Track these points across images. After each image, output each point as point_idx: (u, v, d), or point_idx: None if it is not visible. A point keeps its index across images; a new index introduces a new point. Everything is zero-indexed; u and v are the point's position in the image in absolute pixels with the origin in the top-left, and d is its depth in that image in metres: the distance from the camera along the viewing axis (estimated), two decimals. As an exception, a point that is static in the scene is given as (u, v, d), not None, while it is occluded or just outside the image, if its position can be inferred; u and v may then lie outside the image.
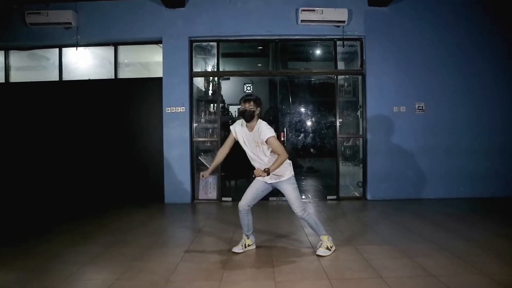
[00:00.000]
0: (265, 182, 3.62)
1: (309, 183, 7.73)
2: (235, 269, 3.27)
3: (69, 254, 3.70)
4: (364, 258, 3.48)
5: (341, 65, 6.84)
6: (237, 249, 3.70)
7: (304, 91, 7.55)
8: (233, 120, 8.30)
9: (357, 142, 6.83)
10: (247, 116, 3.52)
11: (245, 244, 3.74)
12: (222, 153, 3.73)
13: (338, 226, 4.67)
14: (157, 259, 3.55)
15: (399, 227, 4.63)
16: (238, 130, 3.66)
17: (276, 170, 3.40)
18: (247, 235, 3.77)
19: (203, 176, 3.67)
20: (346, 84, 7.09)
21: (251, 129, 3.56)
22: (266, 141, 3.42)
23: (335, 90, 6.68)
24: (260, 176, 3.37)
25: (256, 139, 3.50)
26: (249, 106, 3.49)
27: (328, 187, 7.03)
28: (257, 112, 3.54)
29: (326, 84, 7.18)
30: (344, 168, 6.87)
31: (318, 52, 7.42)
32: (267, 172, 3.31)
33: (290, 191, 3.55)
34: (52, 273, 3.20)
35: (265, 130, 3.45)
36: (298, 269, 3.25)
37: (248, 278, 3.08)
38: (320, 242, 3.65)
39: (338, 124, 6.61)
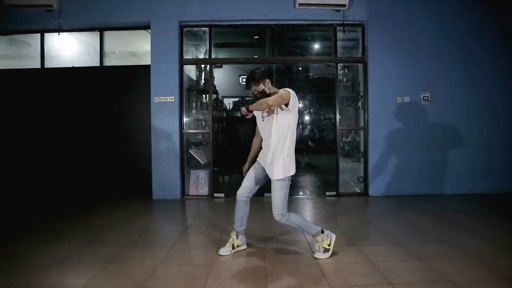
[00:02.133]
0: (263, 167, 3.14)
1: (307, 178, 7.33)
2: (221, 273, 2.84)
3: (36, 255, 3.26)
4: (370, 260, 3.06)
5: (341, 53, 6.39)
6: (224, 251, 3.26)
7: (302, 81, 7.15)
8: (227, 112, 7.91)
9: (357, 138, 6.40)
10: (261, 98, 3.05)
11: (233, 245, 3.30)
12: (255, 146, 3.39)
13: (338, 225, 4.25)
14: (134, 261, 3.12)
15: (406, 225, 4.21)
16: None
17: (273, 162, 3.00)
18: (237, 233, 3.33)
19: None
20: (346, 75, 6.64)
21: None
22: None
23: (335, 79, 6.26)
24: (244, 111, 2.97)
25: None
26: (253, 89, 3.05)
27: (327, 183, 6.62)
28: (267, 85, 3.06)
29: (326, 73, 6.78)
30: (344, 163, 6.44)
31: (317, 38, 6.96)
32: (247, 108, 2.95)
33: (276, 187, 3.01)
34: (10, 277, 2.76)
35: (282, 89, 3.00)
36: (295, 274, 2.82)
37: (236, 285, 2.64)
38: (317, 244, 3.20)
39: (338, 115, 6.19)
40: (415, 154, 6.04)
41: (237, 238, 3.32)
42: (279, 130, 2.99)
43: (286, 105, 2.94)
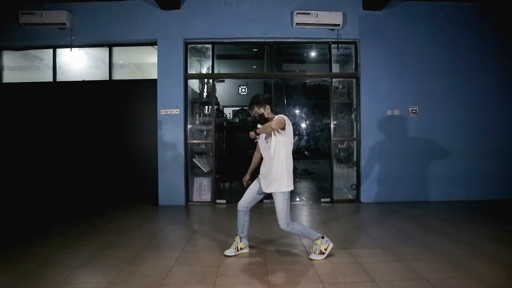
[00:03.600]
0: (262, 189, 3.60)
1: (303, 185, 7.77)
2: (228, 272, 3.27)
3: (62, 257, 3.68)
4: (357, 261, 3.50)
5: (335, 68, 6.87)
6: (229, 252, 3.71)
7: (298, 94, 7.59)
8: (228, 122, 8.35)
9: (351, 145, 6.84)
10: (263, 121, 3.54)
11: (237, 247, 3.74)
12: (256, 159, 3.84)
13: (331, 229, 4.69)
14: (150, 262, 3.54)
15: (392, 230, 4.65)
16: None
17: (273, 177, 3.46)
18: (240, 237, 3.77)
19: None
20: (340, 87, 7.10)
21: None
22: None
23: (330, 93, 6.72)
24: (252, 135, 3.48)
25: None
26: (255, 112, 3.55)
27: (322, 190, 7.07)
28: (267, 111, 3.56)
29: (321, 87, 7.23)
30: (338, 170, 6.89)
31: (313, 55, 7.45)
32: (255, 131, 3.44)
33: (278, 201, 3.48)
34: (44, 277, 3.18)
35: (278, 116, 3.47)
36: (292, 273, 3.26)
37: (241, 281, 3.08)
38: (315, 246, 3.65)
39: (332, 126, 6.64)
40: (404, 163, 6.49)
41: (241, 242, 3.77)
42: (276, 151, 3.47)
43: (283, 129, 3.43)
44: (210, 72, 6.77)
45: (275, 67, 6.97)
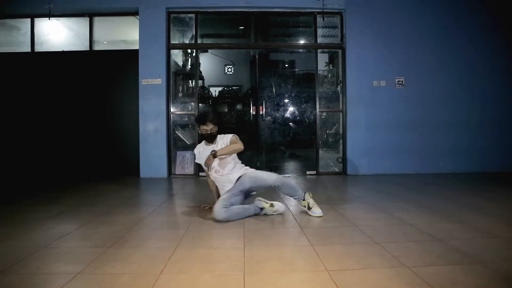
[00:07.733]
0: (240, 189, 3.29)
1: (287, 160, 7.64)
2: (204, 222, 3.10)
3: (30, 212, 3.48)
4: (340, 213, 3.36)
5: (321, 40, 6.72)
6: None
7: (283, 67, 7.45)
8: (213, 100, 8.17)
9: (341, 131, 6.68)
10: (211, 138, 3.42)
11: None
12: (213, 185, 3.61)
13: (316, 193, 4.50)
14: (123, 215, 3.36)
15: (378, 193, 4.53)
16: (202, 156, 3.44)
17: (230, 175, 3.33)
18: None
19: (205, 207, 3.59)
20: (326, 68, 6.97)
21: (211, 143, 3.46)
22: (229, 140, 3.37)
23: (315, 64, 6.57)
24: (209, 163, 3.21)
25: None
26: (212, 128, 3.36)
27: (308, 163, 6.93)
28: (216, 129, 3.43)
29: (306, 59, 7.10)
30: (323, 144, 6.76)
31: (298, 25, 7.29)
32: (214, 155, 3.18)
33: (253, 174, 3.33)
34: (9, 224, 2.99)
35: (227, 135, 3.44)
36: (269, 221, 3.11)
37: (217, 227, 2.93)
38: (306, 203, 3.33)
39: (317, 97, 6.49)
40: (391, 135, 6.37)
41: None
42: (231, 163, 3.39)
43: None
44: (193, 42, 6.57)
45: (260, 38, 6.79)
